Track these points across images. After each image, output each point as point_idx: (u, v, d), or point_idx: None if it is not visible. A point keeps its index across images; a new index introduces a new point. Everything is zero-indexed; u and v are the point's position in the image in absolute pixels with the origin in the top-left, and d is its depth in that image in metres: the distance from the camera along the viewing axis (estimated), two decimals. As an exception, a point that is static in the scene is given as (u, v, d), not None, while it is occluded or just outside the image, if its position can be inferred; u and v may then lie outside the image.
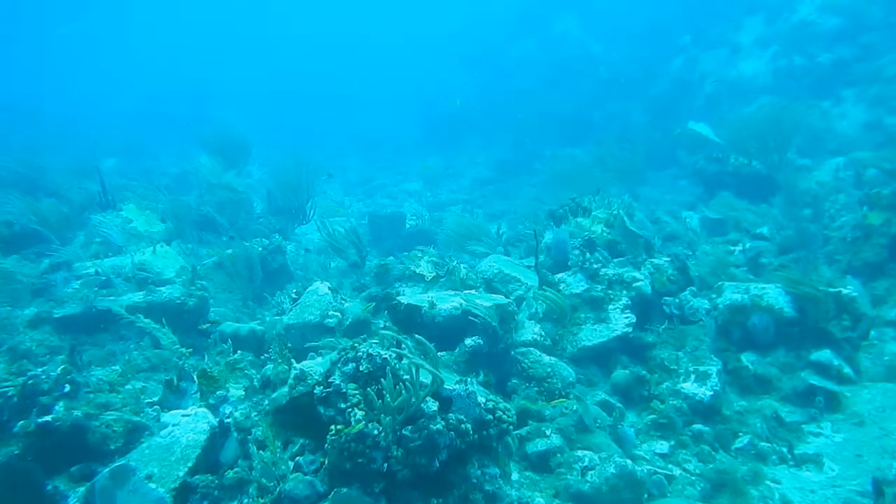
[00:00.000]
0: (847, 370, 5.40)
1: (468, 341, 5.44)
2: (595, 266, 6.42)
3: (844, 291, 5.74)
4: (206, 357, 6.04)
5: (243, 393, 5.27)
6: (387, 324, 6.51)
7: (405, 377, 4.53)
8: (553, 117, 20.25)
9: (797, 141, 11.32)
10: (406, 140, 24.07)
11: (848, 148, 12.36)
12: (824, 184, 9.76)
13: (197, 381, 5.37)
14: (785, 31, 16.73)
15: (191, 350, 6.15)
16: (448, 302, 5.71)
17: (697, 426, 5.11)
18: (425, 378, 4.44)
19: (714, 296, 6.37)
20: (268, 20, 53.77)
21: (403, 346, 5.51)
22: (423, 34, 40.74)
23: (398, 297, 5.88)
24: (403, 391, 4.21)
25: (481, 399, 4.66)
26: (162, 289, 6.66)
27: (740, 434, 5.05)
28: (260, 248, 8.13)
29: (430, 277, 7.11)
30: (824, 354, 5.50)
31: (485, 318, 5.40)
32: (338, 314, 6.32)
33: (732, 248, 8.16)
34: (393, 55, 41.06)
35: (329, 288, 6.51)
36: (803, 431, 5.08)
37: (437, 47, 33.78)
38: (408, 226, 12.58)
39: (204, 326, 6.37)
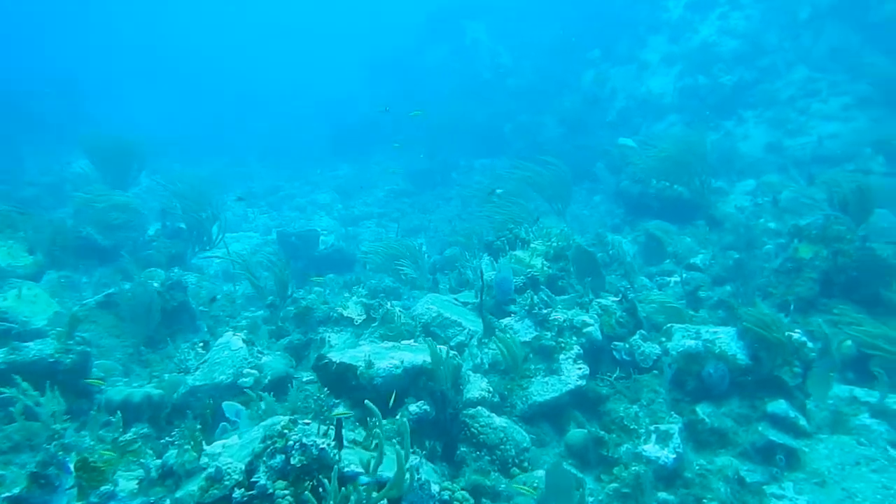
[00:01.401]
0: (802, 422, 5.22)
1: (413, 408, 4.75)
2: (544, 311, 5.92)
3: (795, 336, 5.59)
4: (87, 434, 4.95)
5: (136, 486, 4.28)
6: (310, 378, 5.69)
7: (349, 470, 3.78)
8: (465, 128, 19.89)
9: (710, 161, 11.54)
10: (314, 147, 22.86)
11: (753, 169, 12.81)
12: (743, 208, 9.91)
13: (74, 473, 4.31)
14: (688, 51, 17.29)
15: (66, 426, 5.03)
16: (387, 359, 4.99)
17: (662, 495, 4.71)
18: (384, 471, 3.71)
19: (664, 339, 6.05)
20: (158, 11, 49.96)
21: (337, 412, 4.77)
22: (331, 36, 39.31)
23: (328, 355, 5.08)
24: (353, 495, 3.46)
25: (435, 488, 3.98)
26: (29, 344, 5.44)
27: (704, 500, 4.70)
28: (157, 284, 6.98)
29: (359, 321, 6.34)
30: (780, 406, 5.29)
31: (438, 379, 4.73)
32: (255, 372, 5.42)
33: (668, 279, 7.99)
34: (300, 57, 39.31)
35: (243, 340, 5.58)
36: (765, 494, 4.81)
37: (346, 50, 32.61)
38: (322, 246, 11.61)
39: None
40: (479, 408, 5.15)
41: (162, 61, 38.55)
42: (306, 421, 4.15)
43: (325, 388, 4.97)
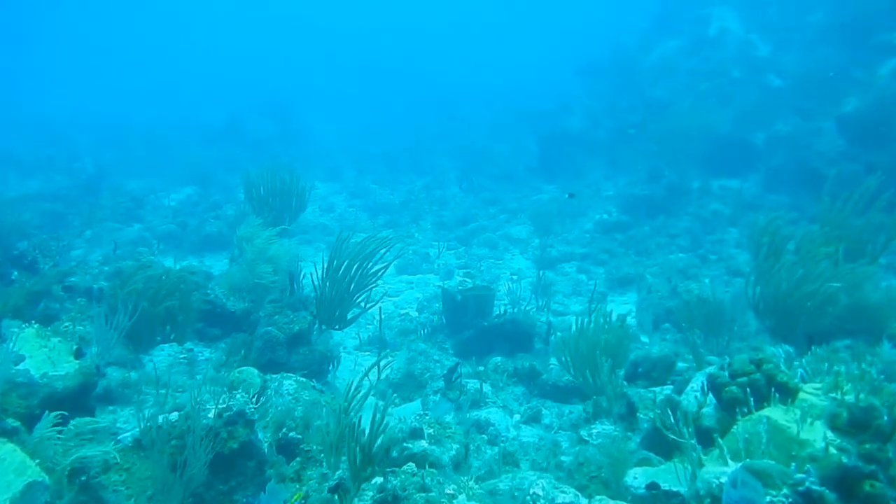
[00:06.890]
0: None
1: None
2: None
3: None
4: None
5: None
6: None
7: None
8: (700, 139, 15.80)
9: None
10: (517, 163, 20.50)
11: None
12: None
13: None
14: None
15: None
16: None
17: None
18: None
19: None
20: (360, 24, 51.93)
21: None
22: (541, 37, 36.77)
23: None
24: None
25: None
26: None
27: None
28: (212, 415, 4.75)
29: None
30: None
31: None
32: None
33: None
34: (506, 59, 37.37)
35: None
36: None
37: (557, 51, 29.78)
38: (496, 311, 8.98)
39: None
40: None
41: (363, 71, 39.40)
42: None
43: None
